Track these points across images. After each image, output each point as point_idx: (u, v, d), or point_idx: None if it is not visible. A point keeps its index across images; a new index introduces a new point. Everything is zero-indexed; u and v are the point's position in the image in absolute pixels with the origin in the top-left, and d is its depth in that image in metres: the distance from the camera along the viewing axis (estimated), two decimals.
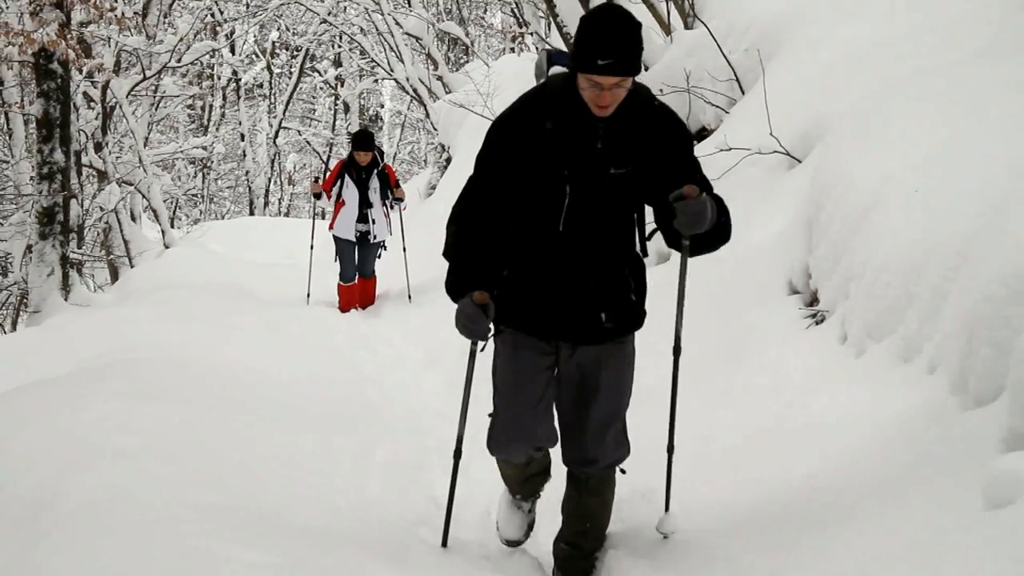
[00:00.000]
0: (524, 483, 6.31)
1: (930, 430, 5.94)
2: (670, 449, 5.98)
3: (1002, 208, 6.30)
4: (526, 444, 5.89)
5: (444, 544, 6.08)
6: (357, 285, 14.52)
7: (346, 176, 14.26)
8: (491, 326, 5.35)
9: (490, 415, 5.97)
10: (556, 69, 5.70)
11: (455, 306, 5.38)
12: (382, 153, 14.83)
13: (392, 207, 14.66)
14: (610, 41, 4.94)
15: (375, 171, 14.24)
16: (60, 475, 6.40)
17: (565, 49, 13.25)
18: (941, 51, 8.84)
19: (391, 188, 14.51)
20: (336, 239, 14.42)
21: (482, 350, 5.67)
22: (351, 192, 14.17)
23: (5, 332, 19.95)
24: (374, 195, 14.23)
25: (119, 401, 7.78)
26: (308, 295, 15.21)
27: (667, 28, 14.21)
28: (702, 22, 12.99)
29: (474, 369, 5.77)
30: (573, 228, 5.41)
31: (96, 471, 6.42)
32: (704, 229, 5.33)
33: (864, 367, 6.93)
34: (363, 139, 14.33)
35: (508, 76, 22.46)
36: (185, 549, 5.56)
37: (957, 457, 5.46)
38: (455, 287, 5.41)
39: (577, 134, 5.30)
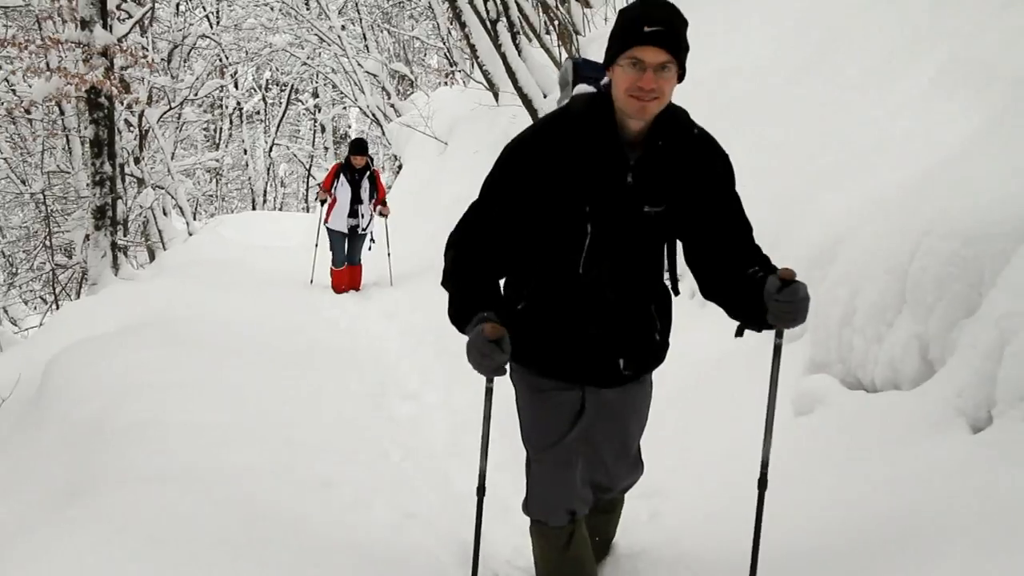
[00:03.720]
0: None
1: (754, 360, 6.05)
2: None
3: (809, 199, 6.42)
4: (566, 507, 4.08)
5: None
6: (346, 270, 13.75)
7: (341, 176, 13.46)
8: (507, 363, 3.54)
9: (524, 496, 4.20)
10: (582, 88, 3.84)
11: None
12: (372, 159, 14.15)
13: (376, 210, 13.72)
14: (658, 12, 3.39)
15: (367, 174, 13.51)
16: (112, 403, 6.45)
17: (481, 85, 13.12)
18: (765, 76, 8.81)
19: (378, 190, 13.68)
20: (329, 231, 13.61)
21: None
22: (344, 190, 13.37)
23: (71, 299, 19.78)
24: (364, 194, 13.44)
25: (156, 348, 7.80)
26: (312, 280, 14.33)
27: (559, 64, 14.16)
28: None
29: (492, 406, 3.88)
30: (594, 270, 3.70)
31: (139, 400, 6.46)
32: (804, 320, 3.65)
33: (707, 315, 7.04)
34: (359, 146, 13.62)
35: (443, 103, 22.48)
36: (205, 456, 5.63)
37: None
38: (460, 313, 3.67)
39: (604, 165, 3.58)
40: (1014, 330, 4.07)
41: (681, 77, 3.48)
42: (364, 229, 13.47)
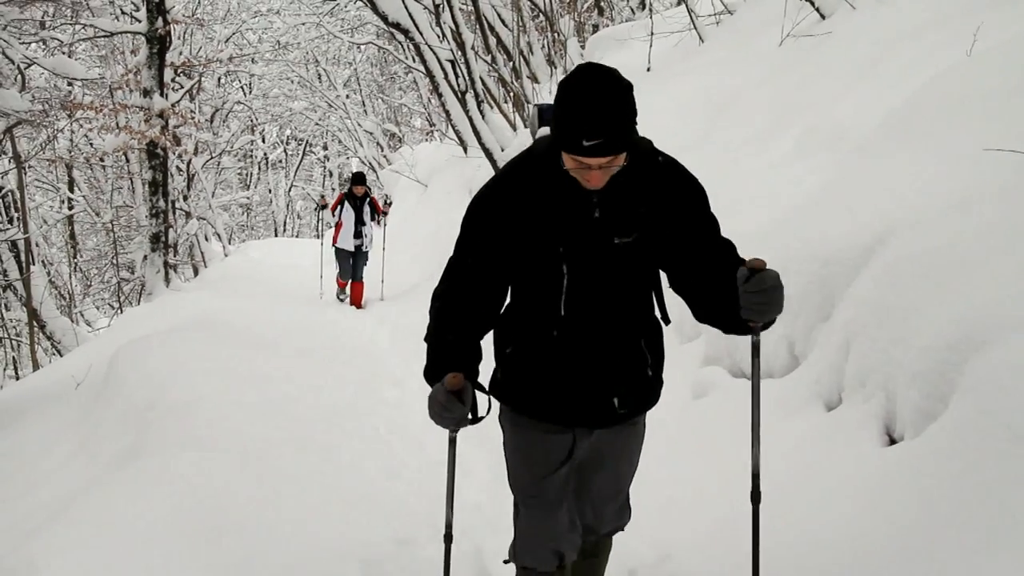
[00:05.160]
0: None
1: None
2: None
3: None
4: (554, 549, 3.18)
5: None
6: (352, 286, 13.18)
7: (345, 203, 13.05)
8: (467, 416, 2.86)
9: (505, 562, 3.37)
10: (544, 131, 3.05)
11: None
12: (370, 189, 13.78)
13: (378, 223, 13.39)
14: (597, 115, 2.53)
15: (367, 200, 13.12)
16: (163, 387, 6.39)
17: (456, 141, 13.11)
18: (670, 140, 8.81)
19: (377, 212, 13.29)
20: (337, 250, 13.16)
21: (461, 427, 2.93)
22: (349, 214, 12.94)
23: (132, 306, 19.63)
24: (366, 216, 13.03)
25: (199, 345, 7.73)
26: (321, 294, 13.83)
27: (514, 126, 14.18)
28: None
29: (456, 455, 3.14)
30: (577, 310, 2.89)
31: (184, 385, 6.41)
32: (780, 312, 2.75)
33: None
34: (359, 177, 13.33)
35: (424, 155, 22.55)
36: (238, 430, 5.60)
37: (678, 369, 5.58)
38: (430, 368, 2.92)
39: (569, 204, 2.79)
40: (856, 333, 4.11)
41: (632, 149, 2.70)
42: (366, 248, 13.29)
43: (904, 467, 3.31)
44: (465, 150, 15.94)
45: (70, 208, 24.64)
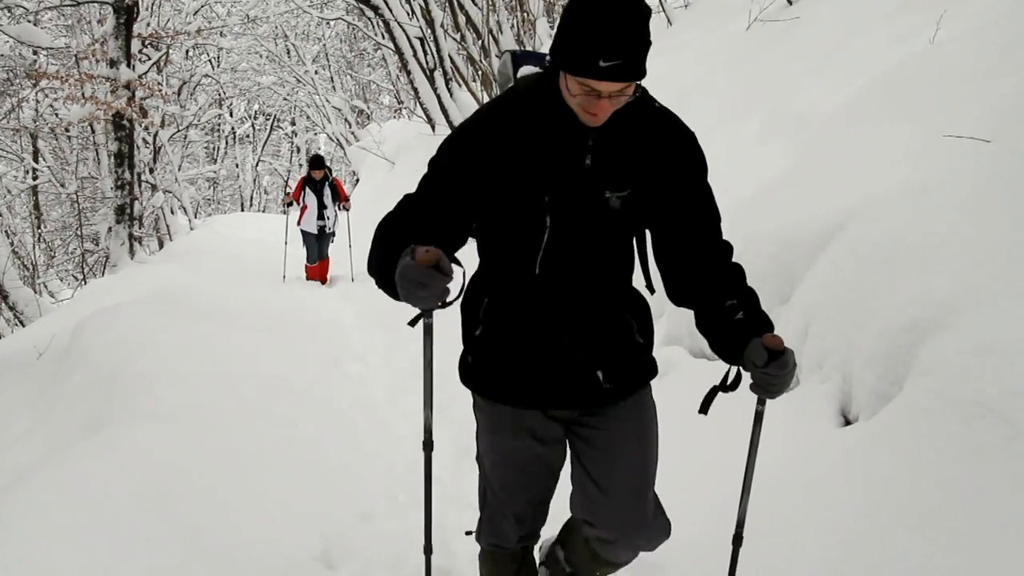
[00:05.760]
0: None
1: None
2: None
3: None
4: (521, 532, 3.02)
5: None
6: (317, 265, 13.22)
7: (307, 188, 12.98)
8: (450, 287, 2.21)
9: (467, 533, 3.34)
10: (527, 69, 2.71)
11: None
12: (331, 170, 13.53)
13: (341, 210, 13.21)
14: (618, 35, 2.15)
15: (327, 183, 13.03)
16: (127, 358, 6.34)
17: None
18: None
19: (340, 195, 13.16)
20: (303, 232, 13.07)
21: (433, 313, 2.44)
22: (311, 198, 12.90)
23: (96, 277, 19.44)
24: (327, 199, 12.96)
25: (163, 317, 7.67)
26: (284, 275, 13.35)
27: (481, 105, 14.05)
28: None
29: (433, 346, 2.57)
30: (554, 269, 2.53)
31: (148, 356, 6.37)
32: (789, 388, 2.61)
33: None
34: (316, 161, 13.22)
35: (392, 132, 22.42)
36: (202, 402, 5.58)
37: None
38: (380, 258, 2.42)
39: (559, 149, 2.43)
40: (815, 315, 4.14)
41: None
42: (330, 229, 13.21)
43: (857, 448, 3.35)
44: (433, 128, 15.89)
45: (34, 178, 24.35)
